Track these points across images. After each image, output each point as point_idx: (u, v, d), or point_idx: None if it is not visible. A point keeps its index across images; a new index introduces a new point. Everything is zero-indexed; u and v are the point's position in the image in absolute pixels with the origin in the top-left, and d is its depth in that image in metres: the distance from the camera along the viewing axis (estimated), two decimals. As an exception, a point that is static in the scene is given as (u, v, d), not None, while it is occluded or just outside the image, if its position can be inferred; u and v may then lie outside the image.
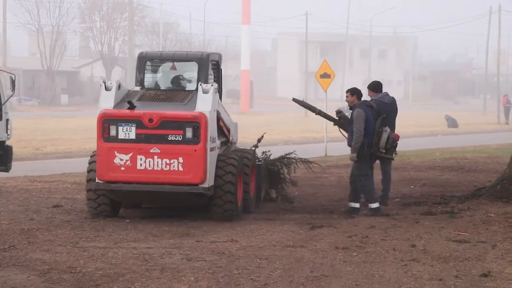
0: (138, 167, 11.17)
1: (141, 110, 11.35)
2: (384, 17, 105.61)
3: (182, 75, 12.58)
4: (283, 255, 9.45)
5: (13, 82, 19.28)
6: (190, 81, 12.44)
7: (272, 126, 45.74)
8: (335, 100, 73.18)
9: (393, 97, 13.31)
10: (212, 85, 11.59)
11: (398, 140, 12.72)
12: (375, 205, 12.57)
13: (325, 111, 13.39)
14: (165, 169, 11.15)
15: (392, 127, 12.90)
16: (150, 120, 11.17)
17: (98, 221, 11.61)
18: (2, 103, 19.27)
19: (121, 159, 11.19)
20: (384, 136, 12.51)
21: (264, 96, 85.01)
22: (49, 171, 18.37)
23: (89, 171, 11.76)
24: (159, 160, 11.14)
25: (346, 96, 12.69)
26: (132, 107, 11.37)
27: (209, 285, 8.11)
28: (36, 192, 14.44)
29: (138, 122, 11.19)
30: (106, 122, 11.23)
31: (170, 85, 12.56)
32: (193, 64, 12.29)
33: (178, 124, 11.18)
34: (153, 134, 11.18)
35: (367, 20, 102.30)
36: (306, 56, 69.62)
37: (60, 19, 72.90)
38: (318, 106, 14.69)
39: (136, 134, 11.19)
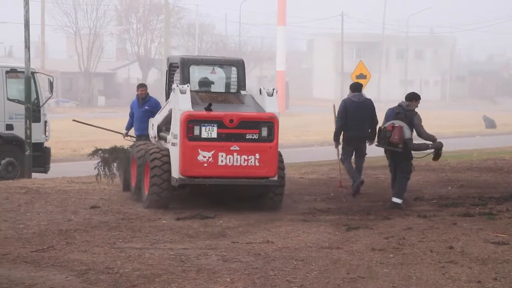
0: (219, 163, 12.23)
1: (219, 111, 12.39)
2: (421, 17, 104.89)
3: (223, 78, 13.42)
4: (319, 257, 9.43)
5: (51, 84, 19.51)
6: (230, 84, 13.37)
7: (307, 127, 45.68)
8: (371, 100, 72.79)
9: (368, 99, 14.68)
10: (273, 89, 12.84)
11: (390, 130, 13.07)
12: (400, 200, 13.31)
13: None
14: (243, 164, 12.30)
15: (367, 124, 14.37)
16: (231, 121, 12.27)
17: (135, 222, 11.69)
18: (41, 105, 19.50)
19: (204, 156, 12.20)
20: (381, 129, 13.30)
21: (299, 97, 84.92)
22: (86, 172, 18.48)
23: (153, 167, 12.71)
24: (238, 156, 12.27)
25: (410, 104, 13.34)
26: (209, 108, 12.36)
27: (245, 286, 8.11)
28: (74, 193, 14.57)
29: (219, 123, 12.25)
30: (191, 122, 12.22)
31: (211, 88, 13.33)
32: (232, 68, 13.33)
33: (255, 124, 12.39)
34: (232, 133, 12.28)
35: (403, 20, 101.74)
36: (342, 56, 69.40)
37: (97, 21, 73.55)
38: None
39: (218, 133, 12.24)
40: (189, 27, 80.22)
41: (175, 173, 12.45)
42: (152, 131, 14.13)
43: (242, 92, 13.26)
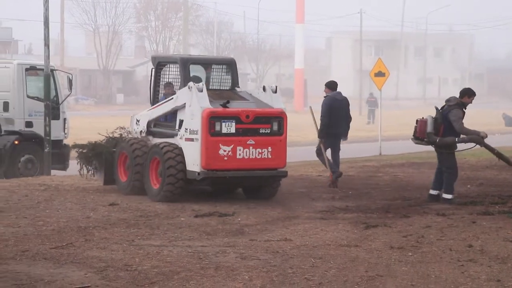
0: (238, 156, 13.04)
1: (235, 108, 13.15)
2: (440, 15, 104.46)
3: (217, 76, 14.09)
4: (338, 255, 9.41)
5: (70, 82, 19.60)
6: (225, 82, 14.08)
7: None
8: (389, 99, 72.61)
9: (345, 96, 15.60)
10: (276, 86, 13.67)
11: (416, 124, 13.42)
12: (449, 196, 13.33)
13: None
14: (258, 157, 13.15)
15: (345, 121, 15.32)
16: (247, 116, 13.07)
17: (153, 220, 11.72)
18: (60, 102, 19.59)
19: (224, 150, 12.95)
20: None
21: (318, 95, 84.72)
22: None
23: (168, 162, 13.18)
24: (253, 150, 13.11)
25: (467, 100, 13.47)
26: (225, 105, 13.13)
27: (263, 283, 8.11)
28: (93, 191, 14.63)
29: (237, 119, 13.03)
30: (212, 119, 12.90)
31: (209, 86, 13.86)
32: (225, 67, 14.09)
33: (267, 119, 13.23)
34: (248, 128, 13.09)
35: (422, 18, 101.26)
36: (361, 54, 69.23)
37: (116, 19, 73.80)
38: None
39: (236, 129, 13.01)
40: (207, 25, 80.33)
41: (195, 167, 13.02)
42: (137, 126, 14.45)
43: (238, 89, 13.95)
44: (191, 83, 13.13)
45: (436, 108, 13.51)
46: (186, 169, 13.15)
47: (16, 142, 18.56)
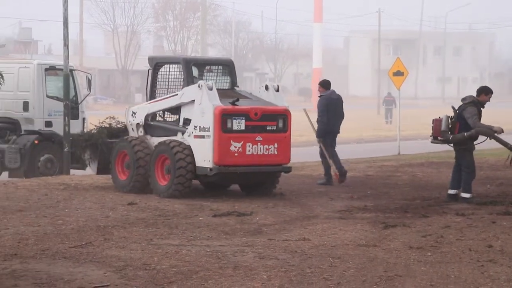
0: (247, 152, 13.44)
1: (244, 106, 13.59)
2: (459, 13, 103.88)
3: (216, 76, 14.54)
4: (356, 254, 9.39)
5: (89, 82, 19.68)
6: (225, 82, 14.50)
7: (343, 124, 45.47)
8: (408, 98, 72.32)
9: (339, 95, 15.89)
10: (278, 85, 14.16)
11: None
12: (467, 195, 13.35)
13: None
14: (265, 153, 13.55)
15: (339, 119, 15.71)
16: (255, 114, 13.49)
17: (172, 219, 11.74)
18: (79, 102, 19.67)
19: (235, 147, 13.36)
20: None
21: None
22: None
23: (178, 159, 13.54)
24: (261, 146, 13.52)
25: (484, 99, 13.38)
26: (234, 103, 13.53)
27: (282, 283, 8.10)
28: (112, 190, 14.67)
29: (246, 116, 13.43)
30: (224, 116, 13.30)
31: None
32: (224, 67, 14.58)
33: (273, 116, 13.66)
34: (257, 125, 13.51)
35: (441, 17, 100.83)
36: (379, 53, 69.04)
37: (135, 19, 74.04)
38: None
39: (245, 126, 13.42)
40: (225, 25, 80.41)
41: (206, 163, 13.41)
42: (133, 118, 14.70)
43: (237, 89, 14.42)
44: (201, 82, 13.51)
45: (453, 108, 13.48)
46: (195, 166, 13.49)
47: (36, 142, 18.66)
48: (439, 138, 13.33)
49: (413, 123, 42.28)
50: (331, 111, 15.53)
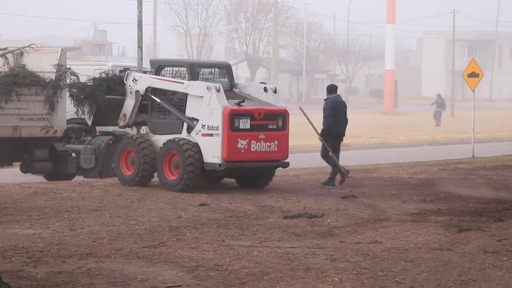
0: (252, 149, 14.53)
1: (249, 106, 14.64)
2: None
3: (217, 78, 15.41)
4: (429, 258, 9.27)
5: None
6: (224, 83, 15.26)
7: (416, 126, 44.94)
8: (483, 100, 71.08)
9: (343, 100, 16.47)
10: (275, 87, 15.32)
11: None
12: None
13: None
14: (267, 150, 14.69)
15: (342, 122, 16.14)
16: (259, 114, 14.60)
17: (243, 220, 11.79)
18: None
19: (241, 144, 14.43)
20: None
21: (408, 96, 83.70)
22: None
23: (188, 156, 14.46)
24: (264, 143, 14.64)
25: None
26: (239, 104, 14.61)
27: (354, 286, 8.05)
28: (184, 191, 14.80)
29: (251, 116, 14.54)
30: (233, 116, 14.37)
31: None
32: (223, 70, 15.59)
33: (274, 116, 14.80)
34: (260, 124, 14.61)
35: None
36: (453, 55, 67.99)
37: (207, 21, 74.53)
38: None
39: (251, 125, 14.51)
40: (297, 26, 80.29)
41: (214, 159, 14.43)
42: (134, 84, 15.60)
43: (236, 90, 15.35)
44: (210, 84, 14.51)
45: None
46: (203, 162, 14.48)
47: (110, 143, 18.93)
48: None
49: (488, 125, 41.52)
50: (336, 114, 16.05)
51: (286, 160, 15.04)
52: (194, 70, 15.23)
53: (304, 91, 78.27)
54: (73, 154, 18.10)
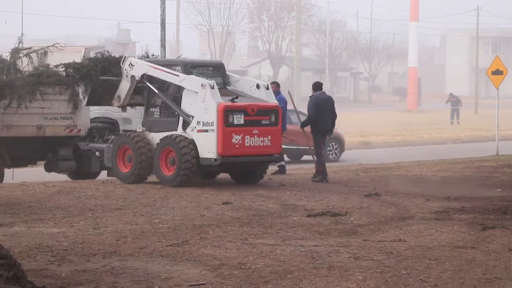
0: (246, 144, 14.95)
1: (242, 102, 15.01)
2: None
3: (212, 77, 15.63)
4: (453, 256, 9.22)
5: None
6: (217, 82, 15.46)
7: (440, 124, 44.73)
8: (507, 97, 70.55)
9: (329, 96, 17.04)
10: (268, 84, 15.75)
11: None
12: None
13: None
14: (261, 144, 15.10)
15: (329, 119, 16.47)
16: (252, 110, 15.01)
17: (266, 219, 11.79)
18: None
19: (236, 139, 14.83)
20: None
21: (432, 93, 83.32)
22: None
23: (184, 154, 14.89)
24: (258, 138, 15.04)
25: None
26: (233, 101, 14.94)
27: (377, 284, 8.03)
28: (207, 189, 14.85)
29: (245, 112, 14.93)
30: (227, 112, 14.73)
31: None
32: (216, 68, 15.96)
33: (267, 112, 15.21)
34: (253, 120, 15.02)
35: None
36: (477, 52, 67.59)
37: (230, 19, 74.66)
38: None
39: (244, 120, 14.90)
40: (320, 24, 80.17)
41: (210, 154, 14.86)
42: (130, 69, 15.95)
43: (228, 88, 15.75)
44: (204, 81, 14.87)
45: None
46: (199, 158, 14.87)
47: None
48: None
49: (512, 122, 41.21)
50: (320, 110, 16.44)
51: (279, 155, 15.52)
52: (188, 69, 15.57)
53: (327, 89, 78.13)
54: (97, 153, 18.17)
